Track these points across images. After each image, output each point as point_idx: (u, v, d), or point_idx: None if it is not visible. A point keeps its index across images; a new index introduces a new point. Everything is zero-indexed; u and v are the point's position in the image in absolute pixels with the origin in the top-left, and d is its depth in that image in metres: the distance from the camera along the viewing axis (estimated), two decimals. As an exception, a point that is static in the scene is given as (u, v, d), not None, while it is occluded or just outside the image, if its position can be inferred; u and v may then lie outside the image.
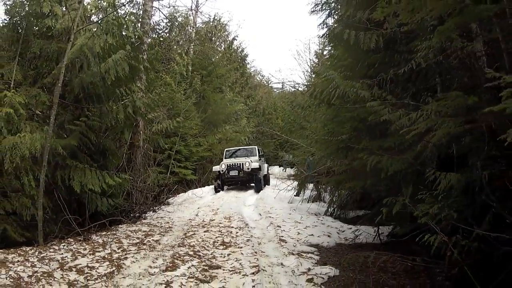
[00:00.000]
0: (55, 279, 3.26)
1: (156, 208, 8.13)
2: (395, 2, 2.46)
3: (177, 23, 16.31)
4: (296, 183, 9.12)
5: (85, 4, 7.26)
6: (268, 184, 12.47)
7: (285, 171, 16.89)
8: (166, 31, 16.27)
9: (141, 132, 9.89)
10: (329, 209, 7.05)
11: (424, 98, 3.02)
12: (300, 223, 5.72)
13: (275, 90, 29.46)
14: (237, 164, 11.37)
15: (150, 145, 10.92)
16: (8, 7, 6.63)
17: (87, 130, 6.46)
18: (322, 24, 5.13)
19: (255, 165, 11.37)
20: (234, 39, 21.29)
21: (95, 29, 6.65)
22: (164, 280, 3.20)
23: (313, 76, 14.97)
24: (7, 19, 6.75)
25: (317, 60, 21.07)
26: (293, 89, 21.99)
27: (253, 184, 11.37)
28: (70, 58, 6.05)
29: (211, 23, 19.02)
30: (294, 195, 8.79)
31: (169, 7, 15.07)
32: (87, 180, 6.30)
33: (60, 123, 6.46)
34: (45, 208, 5.55)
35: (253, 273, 3.35)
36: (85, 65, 6.58)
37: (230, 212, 7.07)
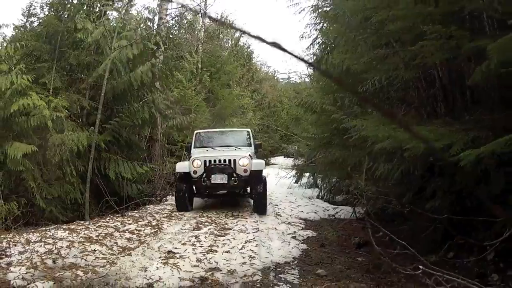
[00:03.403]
0: (116, 237, 4.65)
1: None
2: (343, 53, 3.74)
3: (185, 21, 17.54)
4: (294, 171, 10.47)
5: (111, 19, 8.58)
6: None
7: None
8: (176, 28, 17.48)
9: (159, 127, 11.25)
10: (320, 194, 8.41)
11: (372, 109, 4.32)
12: (294, 203, 7.07)
13: (281, 80, 30.26)
14: (225, 161, 6.24)
15: (165, 138, 12.26)
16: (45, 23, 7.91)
17: (119, 128, 7.86)
18: (308, 49, 6.48)
19: (258, 163, 6.50)
20: (240, 36, 22.43)
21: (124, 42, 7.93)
22: (193, 235, 4.64)
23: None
24: (44, 34, 8.00)
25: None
26: (298, 81, 22.87)
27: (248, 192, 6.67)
28: (104, 68, 7.37)
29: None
30: (294, 183, 10.13)
31: (179, 16, 16.16)
32: (120, 169, 7.74)
33: (93, 121, 7.84)
34: (82, 193, 6.77)
35: (254, 232, 4.78)
36: (115, 73, 7.93)
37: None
